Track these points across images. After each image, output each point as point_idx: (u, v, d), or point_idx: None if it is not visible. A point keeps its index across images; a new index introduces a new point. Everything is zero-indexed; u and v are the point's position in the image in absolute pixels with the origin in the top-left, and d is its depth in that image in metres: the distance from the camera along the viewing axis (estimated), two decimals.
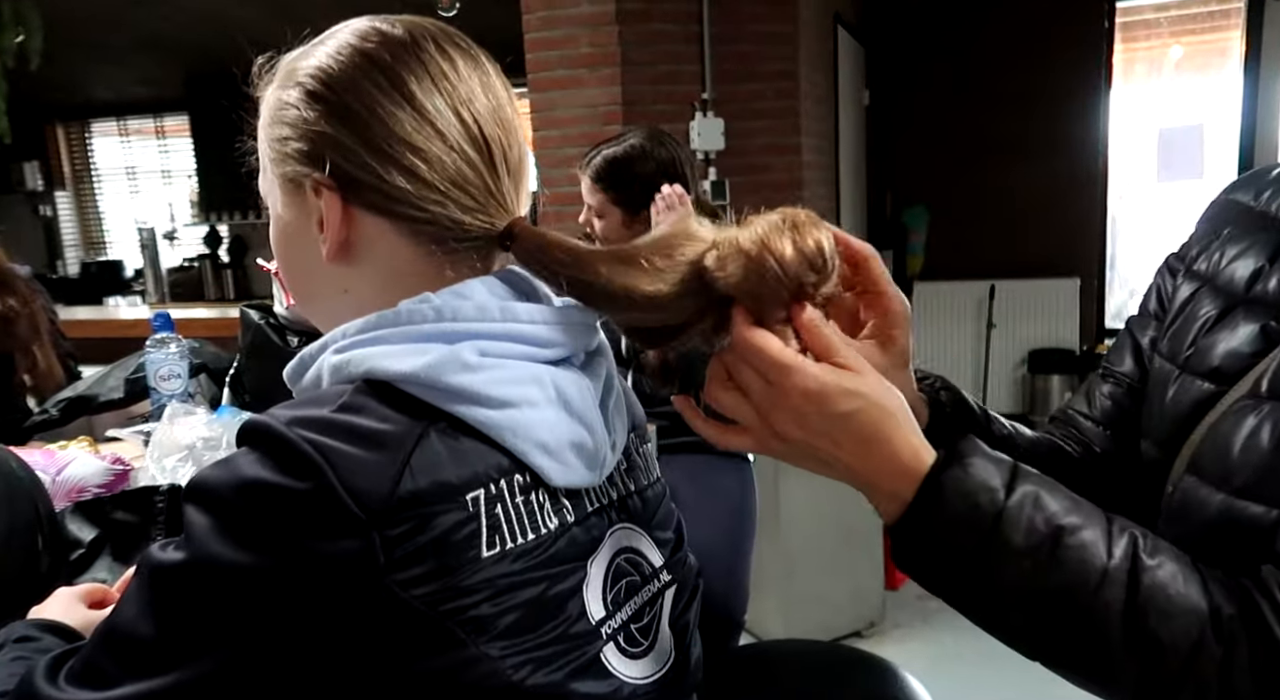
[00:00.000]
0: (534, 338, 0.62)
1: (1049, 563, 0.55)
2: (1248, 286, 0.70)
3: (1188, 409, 0.69)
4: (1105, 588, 0.55)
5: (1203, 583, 0.55)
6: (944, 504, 0.57)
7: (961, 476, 0.58)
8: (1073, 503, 0.58)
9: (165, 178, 7.20)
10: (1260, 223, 0.72)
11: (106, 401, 1.67)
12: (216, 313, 4.08)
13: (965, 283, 4.49)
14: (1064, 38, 4.34)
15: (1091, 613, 0.55)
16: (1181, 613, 0.54)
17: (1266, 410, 0.61)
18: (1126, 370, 0.81)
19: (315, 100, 0.63)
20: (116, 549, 1.07)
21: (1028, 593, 0.56)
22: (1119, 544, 0.56)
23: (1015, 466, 0.59)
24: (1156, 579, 0.55)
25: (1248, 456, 0.61)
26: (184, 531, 0.56)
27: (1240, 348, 0.67)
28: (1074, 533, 0.56)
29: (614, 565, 0.66)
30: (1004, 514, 0.56)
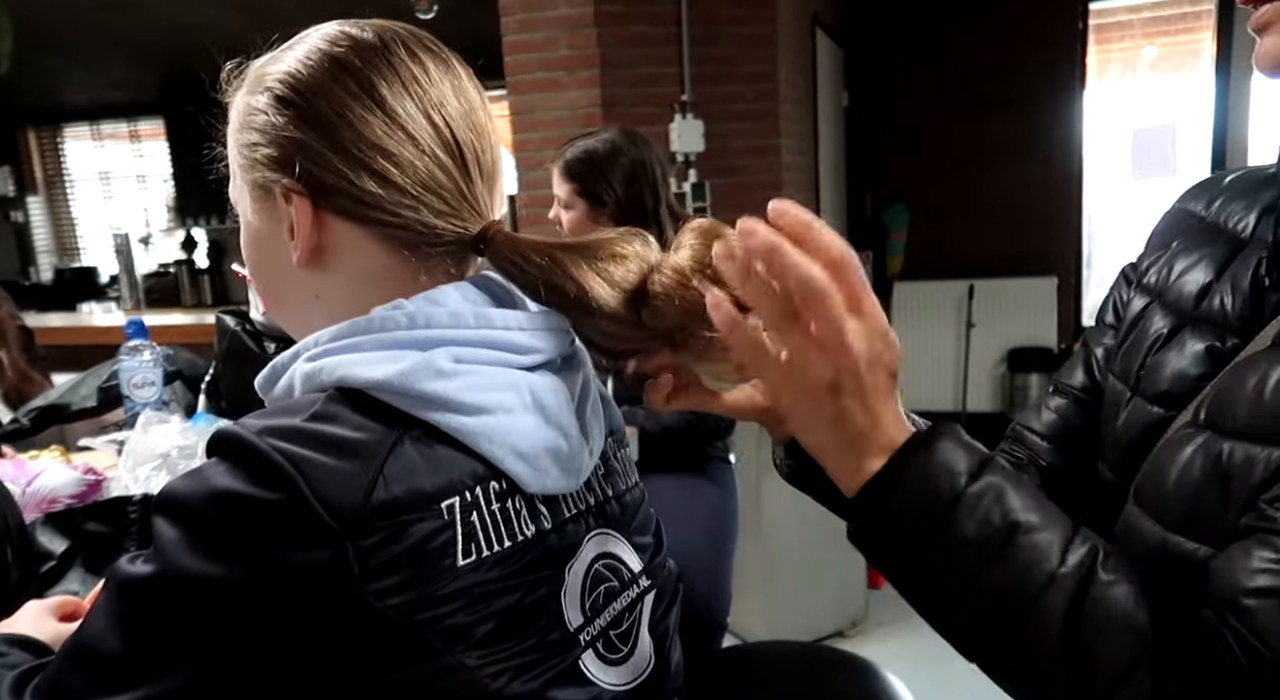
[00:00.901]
0: (509, 344, 0.62)
1: (996, 558, 0.53)
2: (1195, 303, 0.67)
3: (1139, 434, 0.67)
4: (1048, 593, 0.52)
5: (1150, 608, 0.53)
6: (903, 481, 0.55)
7: (926, 456, 0.55)
8: (1037, 503, 0.55)
9: (140, 182, 7.12)
10: (1210, 234, 0.69)
11: (79, 410, 1.65)
12: (193, 319, 4.04)
13: (945, 282, 4.52)
14: (1039, 40, 4.38)
15: (1029, 617, 0.53)
16: (1122, 633, 0.52)
17: (1200, 441, 0.59)
18: (1077, 383, 0.79)
19: (284, 105, 0.63)
20: (89, 560, 1.05)
21: (970, 587, 0.54)
22: (1075, 553, 0.54)
23: (988, 458, 0.57)
24: (1105, 595, 0.52)
25: (1181, 489, 0.59)
26: (153, 544, 0.55)
27: (1187, 369, 0.64)
28: (1029, 532, 0.54)
29: (592, 571, 0.66)
30: (961, 500, 0.54)
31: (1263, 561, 0.51)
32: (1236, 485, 0.55)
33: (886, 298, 4.56)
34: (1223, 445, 0.57)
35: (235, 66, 0.68)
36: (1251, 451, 0.55)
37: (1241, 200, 0.69)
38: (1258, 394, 0.55)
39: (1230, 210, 0.69)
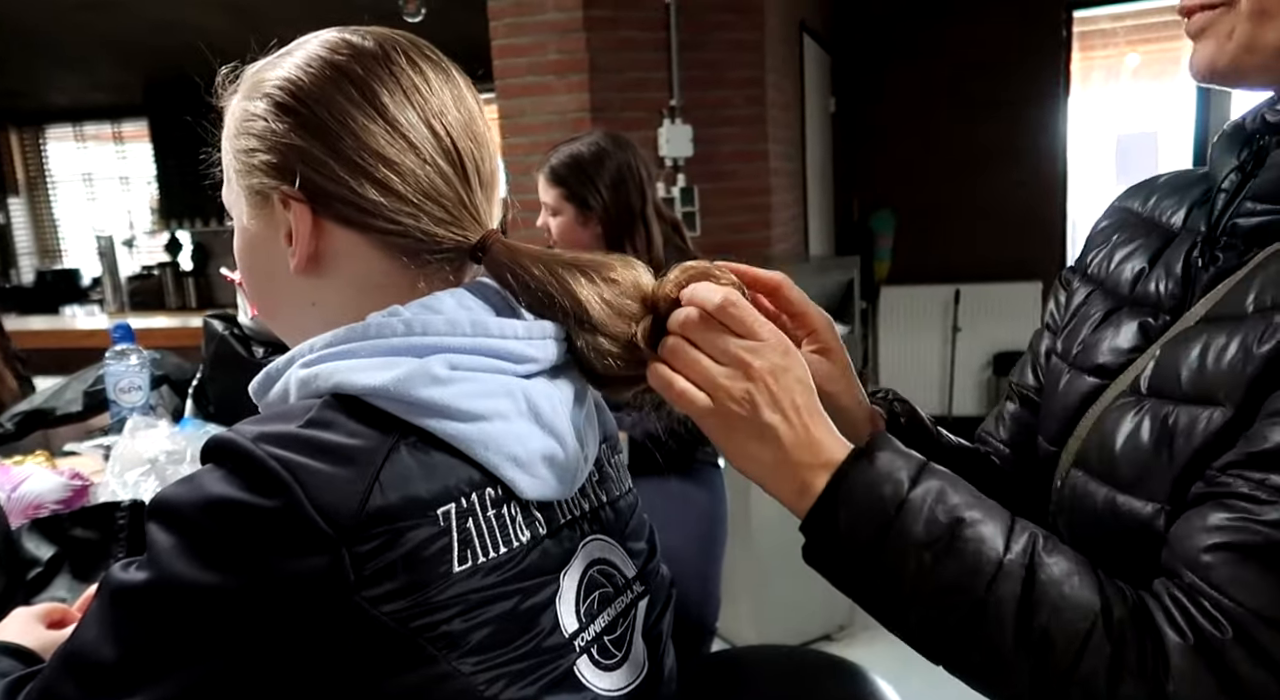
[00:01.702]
0: (504, 351, 0.62)
1: (946, 554, 0.56)
2: (1131, 286, 0.73)
3: (1075, 403, 0.71)
4: (1000, 581, 0.55)
5: (1098, 583, 0.56)
6: (849, 494, 0.58)
7: (867, 468, 0.59)
8: (975, 499, 0.59)
9: (124, 184, 7.06)
10: (1146, 228, 0.76)
11: (64, 414, 1.63)
12: (178, 322, 4.01)
13: (931, 287, 4.54)
14: (1024, 46, 4.42)
15: (985, 607, 0.55)
16: (1073, 608, 0.54)
17: (1146, 407, 0.63)
18: (1027, 383, 0.84)
19: (285, 112, 0.62)
20: (76, 567, 1.04)
21: (926, 586, 0.57)
22: (1018, 540, 0.57)
23: (925, 463, 0.60)
24: (1052, 575, 0.55)
25: (1129, 452, 0.63)
26: (147, 551, 0.55)
27: (1120, 344, 0.70)
28: (972, 525, 0.57)
29: (587, 577, 0.66)
30: (906, 505, 0.57)
31: (1218, 521, 0.54)
32: (1180, 444, 0.59)
33: (873, 302, 4.58)
34: (1167, 409, 0.61)
35: (230, 70, 0.68)
36: (1194, 413, 0.59)
37: (1174, 197, 0.76)
38: (1200, 362, 0.60)
39: (1164, 206, 0.76)
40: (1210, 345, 0.60)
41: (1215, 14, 0.63)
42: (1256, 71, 0.63)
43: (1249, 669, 0.51)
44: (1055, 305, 0.84)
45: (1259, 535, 0.52)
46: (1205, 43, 0.63)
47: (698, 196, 3.12)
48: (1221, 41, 0.62)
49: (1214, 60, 0.63)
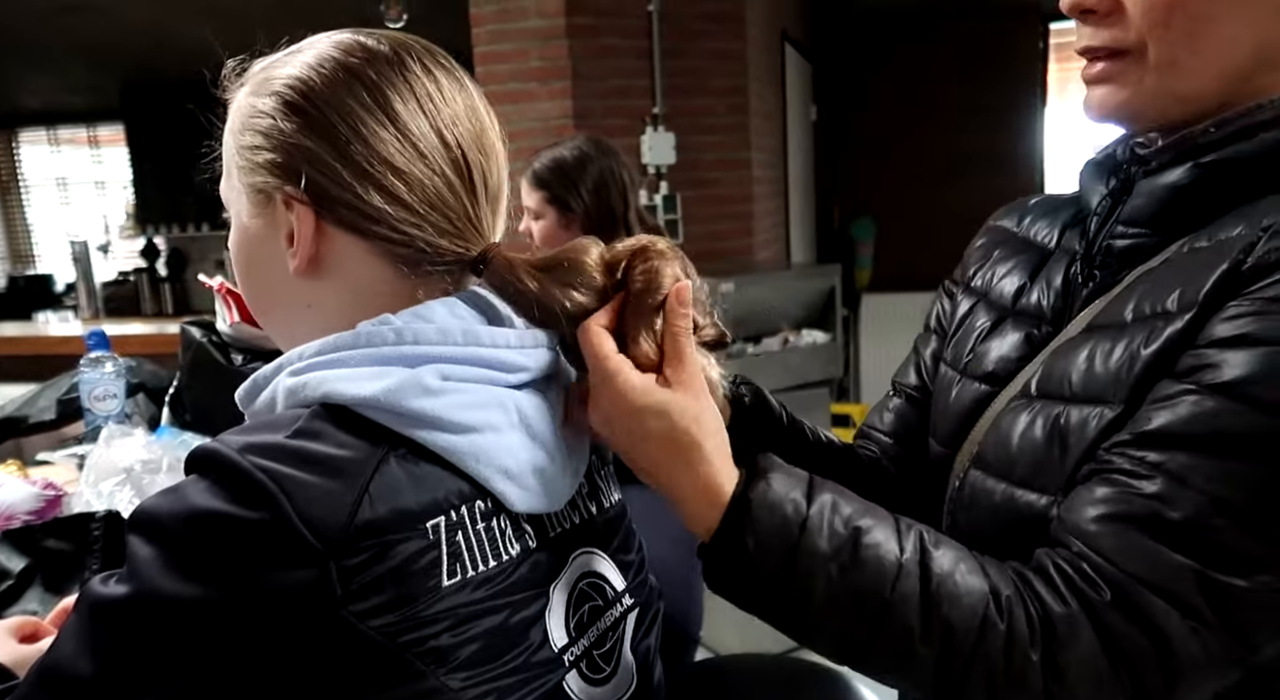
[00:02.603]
0: (497, 361, 0.61)
1: (851, 564, 0.59)
2: (1014, 300, 0.78)
3: (968, 407, 0.76)
4: (901, 581, 0.58)
5: (981, 568, 0.59)
6: (752, 520, 0.60)
7: (765, 490, 0.61)
8: (864, 505, 0.62)
9: (99, 188, 6.97)
10: (1022, 246, 0.82)
11: (37, 423, 1.60)
12: (154, 328, 3.95)
13: (912, 295, 4.57)
14: (1003, 57, 4.48)
15: (892, 607, 0.58)
16: (966, 594, 0.58)
17: (1038, 408, 0.67)
18: (910, 383, 0.89)
19: (294, 112, 0.61)
20: (48, 579, 1.02)
21: (836, 597, 0.59)
22: (908, 539, 0.60)
23: (812, 478, 0.63)
24: (943, 567, 0.59)
25: (1024, 449, 0.67)
26: (127, 564, 0.53)
27: (1009, 353, 0.75)
28: (869, 532, 0.60)
29: (576, 591, 0.65)
30: (808, 522, 0.60)
31: (1102, 495, 0.59)
32: (1073, 440, 0.64)
33: (855, 310, 4.60)
34: (1058, 409, 0.66)
35: (238, 64, 0.67)
36: (1084, 411, 0.64)
37: (1046, 219, 0.82)
38: (1088, 365, 0.65)
39: (1037, 227, 0.83)
40: (1097, 351, 0.65)
41: (1124, 63, 0.66)
42: (1155, 116, 0.67)
43: (1126, 628, 0.55)
44: (940, 312, 0.89)
45: (1138, 506, 0.57)
46: (1110, 88, 0.67)
47: (680, 204, 3.12)
48: (1131, 88, 0.66)
49: (1120, 105, 0.67)
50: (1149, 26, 0.64)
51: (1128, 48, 0.65)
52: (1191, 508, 0.55)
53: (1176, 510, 0.56)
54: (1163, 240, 0.67)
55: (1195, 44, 0.64)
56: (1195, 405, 0.57)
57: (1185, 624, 0.55)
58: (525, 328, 0.64)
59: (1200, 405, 0.57)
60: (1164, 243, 0.67)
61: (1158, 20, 0.63)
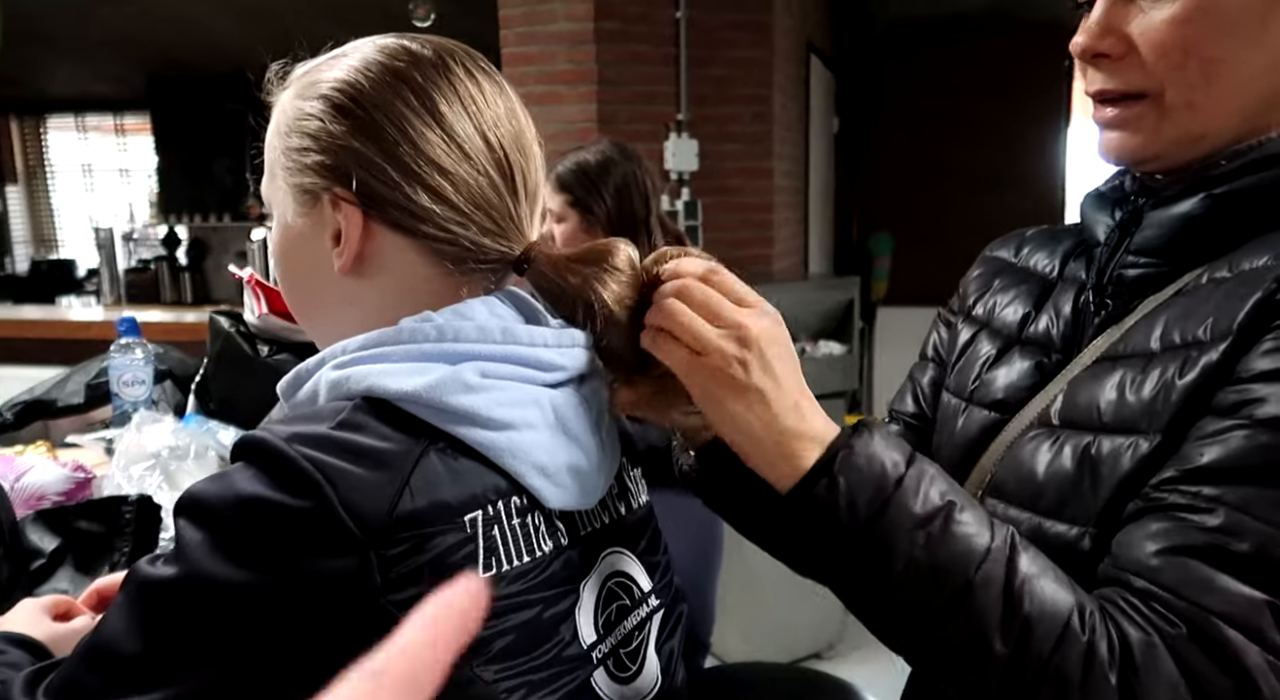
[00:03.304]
0: (534, 360, 0.62)
1: (940, 534, 0.58)
2: (1020, 328, 0.78)
3: (975, 435, 0.76)
4: (988, 565, 0.57)
5: (1069, 582, 0.58)
6: (850, 466, 0.59)
7: (869, 441, 0.60)
8: (958, 488, 0.61)
9: (124, 176, 7.04)
10: (1022, 276, 0.82)
11: (65, 406, 1.63)
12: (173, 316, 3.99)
13: (929, 309, 4.54)
14: (1026, 75, 4.47)
15: (973, 589, 0.56)
16: (1052, 600, 0.57)
17: (1064, 437, 0.67)
18: (908, 410, 0.88)
19: (343, 114, 0.63)
20: (79, 559, 1.04)
21: (920, 563, 0.57)
22: (1000, 531, 0.59)
23: (914, 450, 0.62)
24: (1031, 568, 0.58)
25: (1052, 480, 0.66)
26: (175, 546, 0.55)
27: (1018, 381, 0.75)
28: (962, 510, 0.59)
29: (605, 589, 0.66)
30: (904, 481, 0.59)
31: (1160, 528, 0.58)
32: (1106, 471, 0.63)
33: (870, 322, 4.60)
34: (1088, 439, 0.65)
35: (281, 67, 0.69)
36: (1117, 442, 0.63)
37: (1045, 249, 0.83)
38: (1119, 395, 0.64)
39: (1036, 257, 0.83)
40: (1127, 380, 0.64)
41: (1140, 107, 0.66)
42: (1172, 158, 0.68)
43: (1205, 663, 0.54)
44: (937, 340, 0.88)
45: (1201, 539, 0.56)
46: (1125, 134, 0.68)
47: (701, 210, 3.14)
48: (1148, 134, 0.67)
49: (1137, 149, 0.68)
50: (1165, 71, 0.64)
51: (1144, 91, 0.66)
52: (1259, 538, 0.55)
53: (1243, 542, 0.55)
54: (1174, 270, 0.68)
55: (1210, 87, 0.64)
56: (1247, 439, 0.57)
57: (1264, 658, 0.54)
58: (562, 327, 0.66)
59: (1253, 439, 0.56)
60: (1176, 272, 0.68)
61: (1174, 64, 0.64)
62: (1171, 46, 0.64)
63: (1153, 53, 0.65)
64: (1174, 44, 0.64)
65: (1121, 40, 0.66)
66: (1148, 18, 0.65)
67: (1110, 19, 0.67)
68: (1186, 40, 0.64)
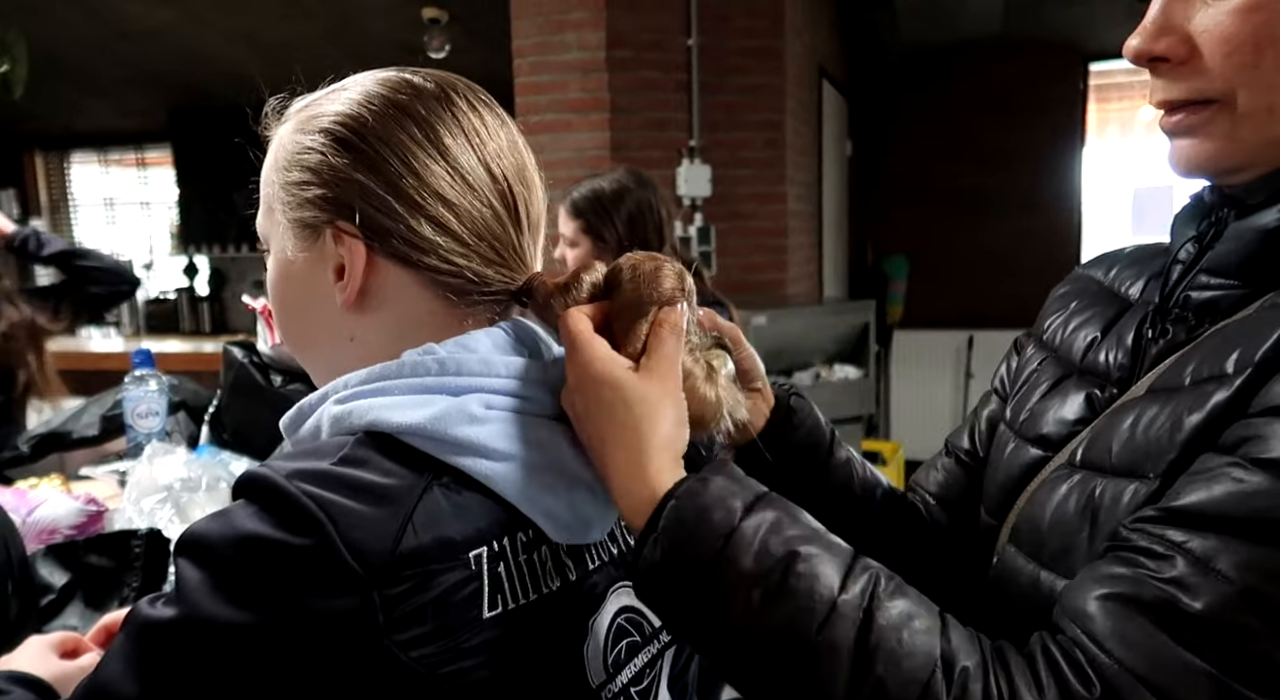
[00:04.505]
0: (540, 392, 0.61)
1: (777, 592, 0.51)
2: (1083, 355, 0.70)
3: (1017, 474, 0.68)
4: (833, 624, 0.50)
5: (942, 630, 0.51)
6: (678, 520, 0.54)
7: (699, 491, 0.54)
8: (815, 533, 0.54)
9: (145, 209, 7.14)
10: (1105, 297, 0.74)
11: (80, 438, 1.64)
12: (191, 347, 4.03)
13: (944, 332, 4.54)
14: (1040, 97, 4.47)
15: (817, 652, 0.50)
16: (910, 656, 0.50)
17: (1077, 480, 0.60)
18: (962, 445, 0.82)
19: (346, 147, 0.62)
20: (89, 595, 1.03)
21: (754, 626, 0.52)
22: (856, 580, 0.52)
23: (764, 493, 0.56)
24: (890, 620, 0.51)
25: (1056, 527, 0.60)
26: (175, 586, 0.54)
27: (1066, 414, 0.67)
28: (807, 560, 0.52)
29: (615, 625, 0.65)
30: (735, 535, 0.53)
31: (1112, 572, 0.51)
32: (1103, 518, 0.56)
33: (886, 346, 4.57)
34: (1095, 482, 0.58)
35: (279, 102, 0.69)
36: (1120, 486, 0.56)
37: (1134, 268, 0.74)
38: (1130, 434, 0.57)
39: (1124, 277, 0.74)
40: (1142, 417, 0.57)
41: (1208, 113, 0.58)
42: (1249, 169, 0.58)
43: None
44: (1005, 370, 0.81)
45: (1151, 590, 0.49)
46: (1198, 141, 0.59)
47: (714, 236, 3.14)
48: (1221, 141, 0.58)
49: (1211, 158, 0.59)
50: (1235, 71, 0.55)
51: (1212, 97, 0.57)
52: (1216, 598, 0.47)
53: (1197, 599, 0.47)
54: (1251, 292, 0.58)
55: None
56: (1235, 482, 0.49)
57: None
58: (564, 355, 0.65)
59: (1241, 482, 0.49)
60: (1253, 295, 0.58)
61: (1246, 63, 0.55)
62: (1241, 41, 0.55)
63: (1219, 51, 0.56)
64: (1244, 38, 0.54)
65: (1182, 41, 0.57)
66: (1210, 11, 0.56)
67: (1168, 16, 0.58)
68: (1258, 31, 0.54)
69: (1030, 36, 4.32)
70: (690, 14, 3.11)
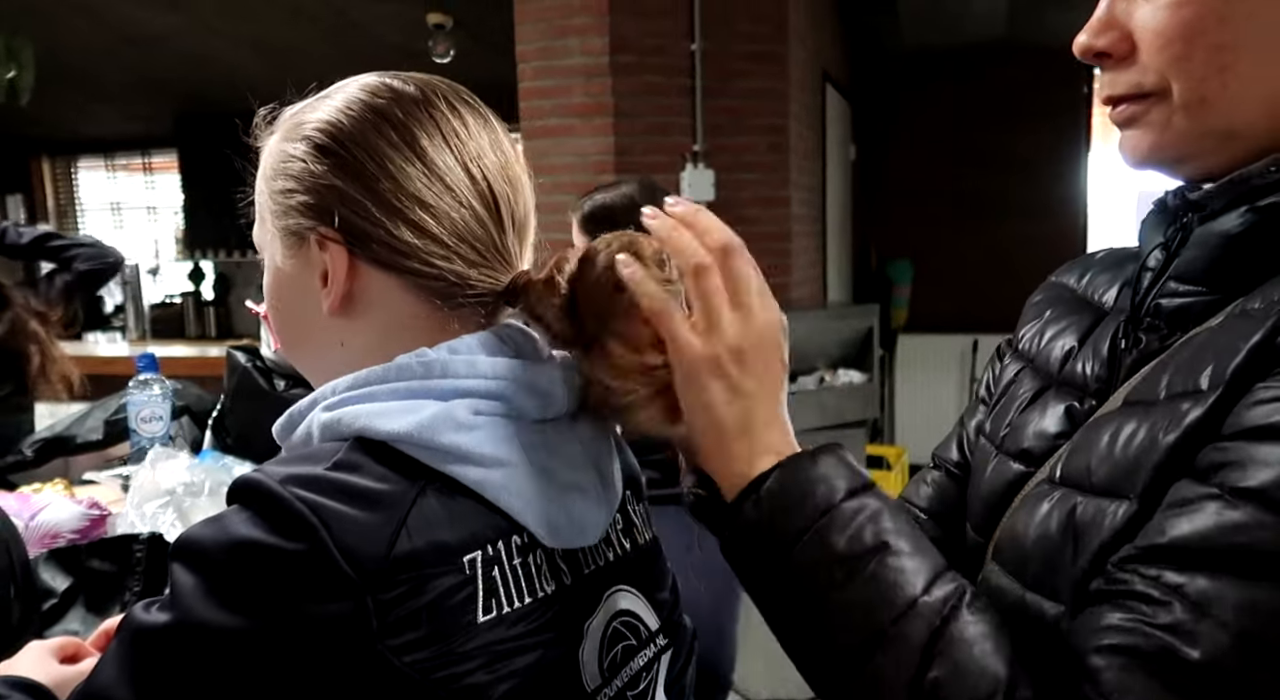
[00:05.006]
0: (526, 395, 0.61)
1: (861, 575, 0.53)
2: (1060, 366, 0.69)
3: (1000, 490, 0.67)
4: (908, 620, 0.51)
5: (1011, 658, 0.51)
6: (781, 486, 0.55)
7: (808, 465, 0.56)
8: (913, 532, 0.55)
9: (150, 213, 7.17)
10: (1079, 305, 0.73)
11: (84, 442, 1.64)
12: (196, 351, 4.04)
13: (949, 337, 4.53)
14: (1044, 101, 4.47)
15: (885, 641, 0.51)
16: (976, 674, 0.50)
17: (1057, 497, 0.59)
18: (951, 457, 0.81)
19: (324, 154, 0.63)
20: (91, 599, 1.04)
21: (830, 601, 0.53)
22: (943, 586, 0.53)
23: (871, 483, 0.57)
24: (966, 634, 0.51)
25: (1038, 546, 0.59)
26: (170, 591, 0.54)
27: (1047, 428, 0.66)
28: (898, 556, 0.53)
29: (610, 629, 0.65)
30: (834, 511, 0.54)
31: (1111, 622, 0.50)
32: (1086, 539, 0.55)
33: (891, 350, 4.57)
34: (1076, 500, 0.57)
35: (269, 112, 0.69)
36: (1102, 505, 0.55)
37: (1107, 274, 0.73)
38: (1109, 451, 0.57)
39: (1097, 283, 0.74)
40: (1120, 433, 0.56)
41: (1146, 104, 0.59)
42: (1199, 159, 0.60)
43: None
44: (990, 379, 0.80)
45: (1150, 640, 0.48)
46: (1138, 132, 0.61)
47: None
48: (1158, 131, 0.59)
49: (1151, 148, 0.60)
50: (1168, 63, 0.57)
51: (1149, 90, 0.59)
52: (1213, 646, 0.46)
53: (1195, 648, 0.47)
54: (1221, 298, 0.59)
55: (1225, 77, 0.56)
56: (1217, 515, 0.48)
57: None
58: (558, 357, 0.65)
59: (1223, 515, 0.48)
60: (1223, 301, 0.58)
61: (1178, 54, 0.56)
62: (1173, 34, 0.56)
63: (1153, 44, 0.57)
64: (1175, 31, 0.56)
65: (1124, 38, 0.59)
66: (1147, 7, 0.58)
67: (1111, 13, 0.60)
68: (1189, 25, 0.56)
69: (1033, 40, 4.31)
70: (693, 19, 3.11)
